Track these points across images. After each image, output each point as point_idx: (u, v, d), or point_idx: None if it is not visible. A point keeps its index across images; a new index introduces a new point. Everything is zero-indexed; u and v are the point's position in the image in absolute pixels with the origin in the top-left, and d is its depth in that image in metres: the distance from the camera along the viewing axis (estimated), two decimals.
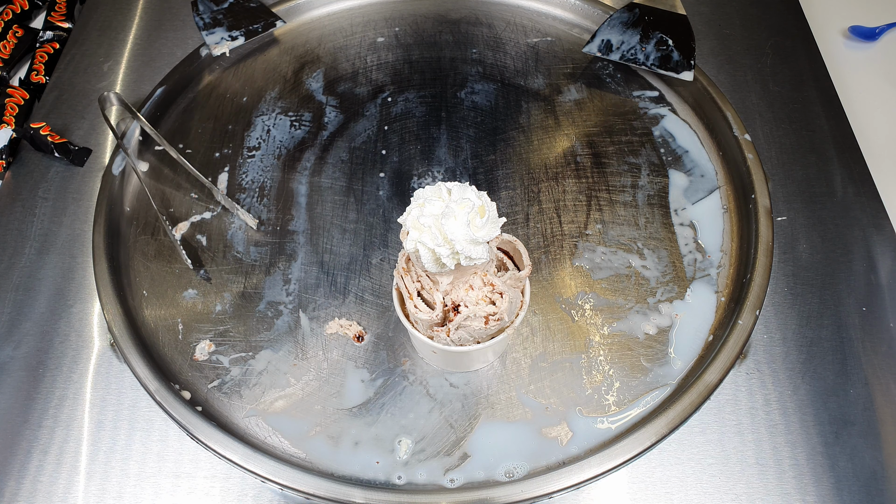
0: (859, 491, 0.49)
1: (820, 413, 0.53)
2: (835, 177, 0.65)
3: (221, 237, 0.62)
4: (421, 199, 0.43)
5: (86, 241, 0.62)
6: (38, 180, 0.67)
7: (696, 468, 0.51)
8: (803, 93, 0.72)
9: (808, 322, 0.57)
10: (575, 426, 0.51)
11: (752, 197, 0.60)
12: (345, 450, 0.51)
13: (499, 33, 0.77)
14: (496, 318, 0.45)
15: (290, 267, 0.60)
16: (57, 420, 0.53)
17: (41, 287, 0.60)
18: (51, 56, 0.78)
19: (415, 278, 0.47)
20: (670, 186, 0.64)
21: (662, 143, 0.67)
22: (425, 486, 0.49)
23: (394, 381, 0.54)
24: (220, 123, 0.70)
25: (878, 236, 0.61)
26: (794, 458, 0.51)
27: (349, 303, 0.58)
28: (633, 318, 0.56)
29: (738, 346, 0.53)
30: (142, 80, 0.74)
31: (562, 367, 0.54)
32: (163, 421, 0.53)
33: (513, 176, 0.65)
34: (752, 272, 0.56)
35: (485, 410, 0.52)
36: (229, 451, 0.49)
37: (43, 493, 0.50)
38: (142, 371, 0.52)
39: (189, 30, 0.79)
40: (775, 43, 0.76)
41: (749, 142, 0.63)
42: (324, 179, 0.66)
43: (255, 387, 0.54)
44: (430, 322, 0.46)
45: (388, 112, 0.70)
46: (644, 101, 0.70)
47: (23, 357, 0.56)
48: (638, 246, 0.60)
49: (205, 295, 0.59)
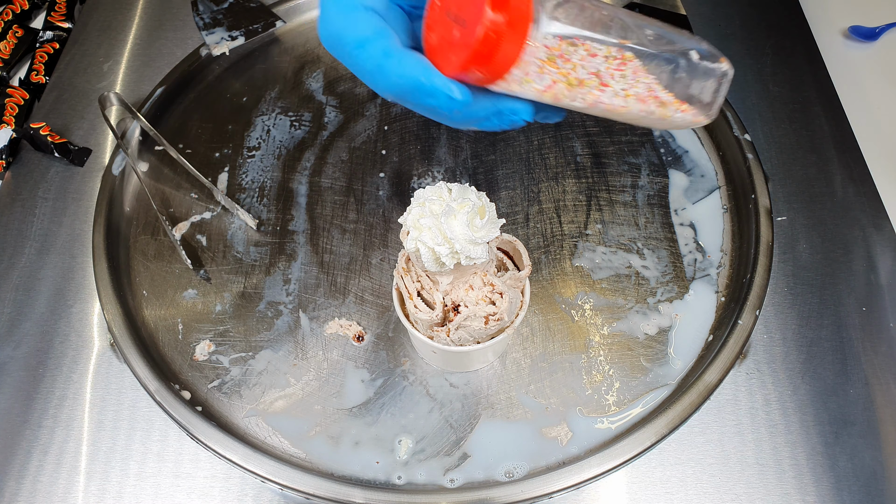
0: (859, 491, 0.49)
1: (820, 413, 0.53)
2: (835, 177, 0.65)
3: (221, 237, 0.62)
4: (421, 199, 0.44)
5: (86, 241, 0.62)
6: (38, 180, 0.67)
7: (696, 468, 0.51)
8: (803, 93, 0.72)
9: (808, 322, 0.57)
10: (575, 426, 0.51)
11: (752, 197, 0.60)
12: (345, 450, 0.51)
13: None
14: (496, 318, 0.45)
15: (290, 267, 0.60)
16: (57, 420, 0.53)
17: (41, 287, 0.60)
18: (51, 56, 0.78)
19: (415, 278, 0.47)
20: (670, 186, 0.64)
21: (662, 143, 0.67)
22: (425, 486, 0.49)
23: (394, 381, 0.54)
24: (220, 123, 0.70)
25: (878, 236, 0.61)
26: (794, 458, 0.51)
27: (349, 303, 0.58)
28: (633, 318, 0.56)
29: (738, 346, 0.53)
30: (142, 80, 0.74)
31: (562, 367, 0.54)
32: (163, 421, 0.53)
33: (513, 176, 0.65)
34: (752, 272, 0.56)
35: (485, 410, 0.52)
36: (229, 451, 0.49)
37: (43, 493, 0.50)
38: (142, 371, 0.52)
39: (189, 30, 0.79)
40: (775, 43, 0.76)
41: (749, 142, 0.63)
42: (324, 179, 0.66)
43: (255, 387, 0.54)
44: (430, 322, 0.46)
45: (388, 112, 0.70)
46: None
47: (23, 357, 0.56)
48: (638, 246, 0.60)
49: (205, 295, 0.59)
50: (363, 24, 0.34)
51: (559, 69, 0.34)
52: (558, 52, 0.33)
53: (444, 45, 0.34)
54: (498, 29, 0.31)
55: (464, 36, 0.32)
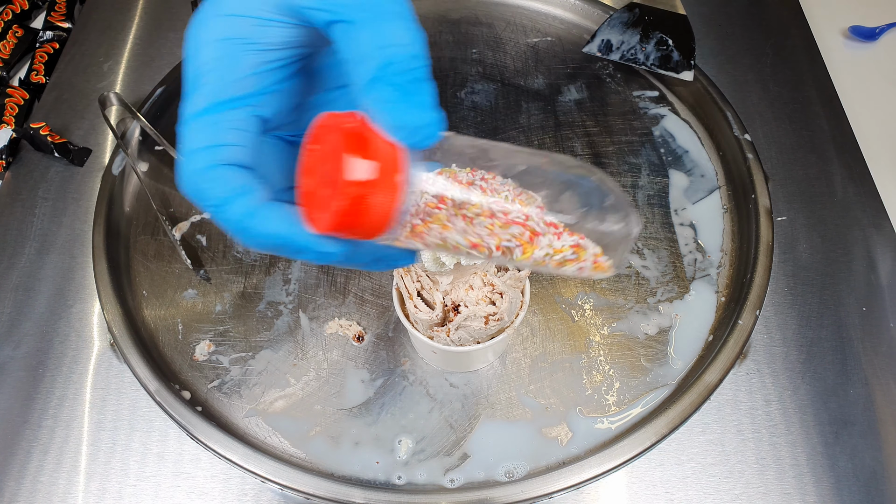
0: (859, 491, 0.49)
1: (820, 413, 0.53)
2: (835, 177, 0.65)
3: (221, 237, 0.62)
4: None
5: (86, 241, 0.62)
6: (38, 180, 0.67)
7: (696, 468, 0.51)
8: (803, 93, 0.72)
9: (808, 322, 0.57)
10: (575, 426, 0.51)
11: (752, 197, 0.60)
12: (345, 450, 0.51)
13: (499, 33, 0.77)
14: (496, 318, 0.45)
15: (289, 267, 0.60)
16: (57, 420, 0.53)
17: (41, 287, 0.60)
18: (51, 56, 0.78)
19: (415, 278, 0.47)
20: (670, 186, 0.64)
21: (662, 143, 0.67)
22: (425, 486, 0.49)
23: (394, 381, 0.54)
24: None
25: (878, 236, 0.61)
26: (794, 458, 0.51)
27: (349, 303, 0.58)
28: (633, 318, 0.56)
29: (738, 346, 0.53)
30: (142, 80, 0.74)
31: (562, 367, 0.54)
32: (163, 421, 0.53)
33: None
34: (752, 272, 0.56)
35: (485, 410, 0.52)
36: (229, 451, 0.49)
37: (43, 493, 0.50)
38: (142, 371, 0.52)
39: None
40: (775, 43, 0.76)
41: (749, 142, 0.63)
42: None
43: (255, 387, 0.54)
44: (430, 322, 0.46)
45: None
46: (644, 101, 0.70)
47: (23, 357, 0.56)
48: (638, 246, 0.60)
49: (205, 295, 0.59)
50: (220, 184, 0.31)
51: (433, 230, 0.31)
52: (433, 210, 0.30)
53: (314, 198, 0.31)
54: (361, 198, 0.28)
55: (330, 198, 0.29)
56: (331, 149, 0.29)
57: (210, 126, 0.31)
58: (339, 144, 0.28)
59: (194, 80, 0.30)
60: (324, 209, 0.30)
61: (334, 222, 0.29)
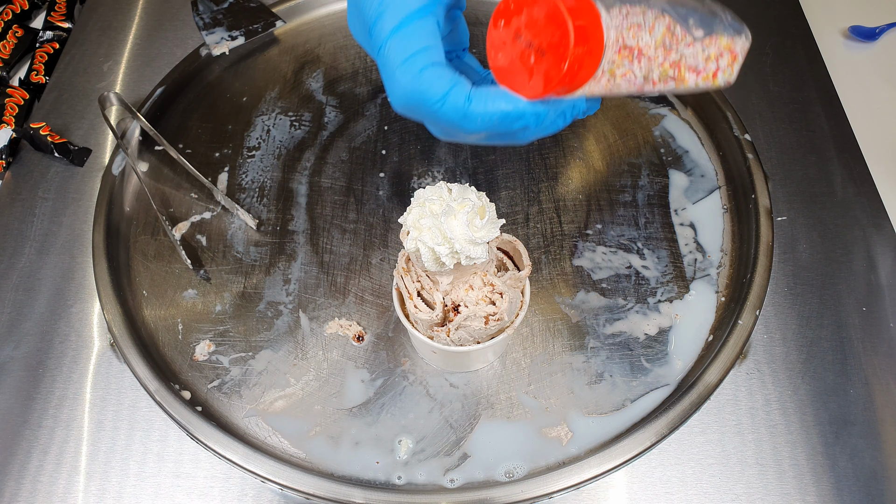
0: (859, 491, 0.49)
1: (820, 413, 0.53)
2: (835, 177, 0.65)
3: (221, 237, 0.62)
4: (421, 199, 0.44)
5: (86, 241, 0.62)
6: (38, 180, 0.67)
7: (696, 468, 0.51)
8: (803, 93, 0.72)
9: (808, 322, 0.57)
10: (575, 426, 0.51)
11: (752, 197, 0.60)
12: (345, 450, 0.51)
13: None
14: (496, 318, 0.45)
15: (289, 267, 0.60)
16: (57, 420, 0.53)
17: (41, 287, 0.60)
18: (51, 56, 0.78)
19: (415, 278, 0.47)
20: (670, 186, 0.64)
21: (662, 143, 0.67)
22: (425, 487, 0.49)
23: (394, 381, 0.54)
24: (219, 123, 0.70)
25: (878, 236, 0.61)
26: (794, 458, 0.51)
27: (349, 303, 0.58)
28: (633, 318, 0.56)
29: (738, 346, 0.53)
30: (142, 80, 0.74)
31: (562, 367, 0.54)
32: (163, 421, 0.53)
33: (513, 176, 0.65)
34: (752, 272, 0.56)
35: (485, 410, 0.52)
36: (229, 451, 0.49)
37: (43, 493, 0.50)
38: (142, 371, 0.52)
39: (189, 30, 0.79)
40: (775, 43, 0.76)
41: (749, 142, 0.63)
42: (324, 179, 0.66)
43: (255, 387, 0.54)
44: (430, 322, 0.46)
45: (388, 112, 0.70)
46: (644, 101, 0.70)
47: (23, 357, 0.56)
48: (638, 246, 0.60)
49: (205, 295, 0.59)
50: (439, 80, 0.36)
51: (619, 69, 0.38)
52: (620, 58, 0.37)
53: (516, 69, 0.38)
54: (581, 59, 0.35)
55: (544, 64, 0.36)
56: (535, 19, 0.35)
57: (413, 34, 0.36)
58: (553, 13, 0.34)
59: (378, 4, 0.36)
60: (535, 76, 0.36)
61: (555, 84, 0.35)
